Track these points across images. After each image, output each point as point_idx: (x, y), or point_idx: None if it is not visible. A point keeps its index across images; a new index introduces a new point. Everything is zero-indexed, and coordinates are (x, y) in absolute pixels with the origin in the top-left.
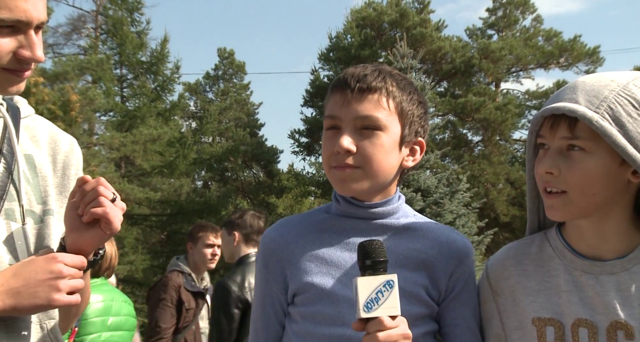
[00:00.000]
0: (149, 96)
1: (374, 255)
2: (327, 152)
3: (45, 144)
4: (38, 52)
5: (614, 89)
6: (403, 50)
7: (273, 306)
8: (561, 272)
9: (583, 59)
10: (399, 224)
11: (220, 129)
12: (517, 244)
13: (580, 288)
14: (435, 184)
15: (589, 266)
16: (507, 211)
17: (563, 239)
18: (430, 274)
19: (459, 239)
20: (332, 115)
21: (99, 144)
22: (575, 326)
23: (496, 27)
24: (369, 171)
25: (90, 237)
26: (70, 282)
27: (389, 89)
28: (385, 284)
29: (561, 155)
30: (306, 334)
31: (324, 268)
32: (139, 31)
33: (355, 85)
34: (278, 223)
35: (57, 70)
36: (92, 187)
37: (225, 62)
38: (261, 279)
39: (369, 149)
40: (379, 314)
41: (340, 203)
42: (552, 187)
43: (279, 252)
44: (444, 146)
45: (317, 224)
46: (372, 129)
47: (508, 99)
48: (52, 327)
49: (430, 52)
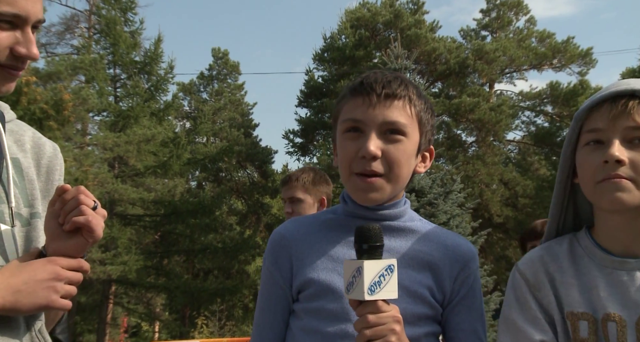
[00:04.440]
0: (143, 96)
1: (372, 239)
2: (350, 155)
3: (30, 149)
4: (34, 49)
5: None
6: (397, 50)
7: (280, 303)
8: (592, 270)
9: (576, 60)
10: (405, 227)
11: (215, 129)
12: (547, 245)
13: (611, 284)
14: (429, 184)
15: (620, 263)
16: (500, 211)
17: (592, 239)
18: (435, 276)
19: (464, 244)
20: (355, 119)
21: (92, 144)
22: (605, 321)
23: (490, 28)
24: (392, 176)
25: (72, 246)
26: (66, 286)
27: (411, 97)
28: (387, 268)
29: (624, 146)
30: (310, 330)
31: (330, 264)
32: (133, 31)
33: (382, 91)
34: (288, 221)
35: (49, 70)
36: (72, 196)
37: (220, 62)
38: (269, 276)
39: (394, 154)
40: (380, 296)
41: (348, 204)
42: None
43: (288, 248)
44: (438, 147)
45: (325, 224)
46: (397, 134)
47: (502, 100)
48: (39, 328)
49: (424, 53)
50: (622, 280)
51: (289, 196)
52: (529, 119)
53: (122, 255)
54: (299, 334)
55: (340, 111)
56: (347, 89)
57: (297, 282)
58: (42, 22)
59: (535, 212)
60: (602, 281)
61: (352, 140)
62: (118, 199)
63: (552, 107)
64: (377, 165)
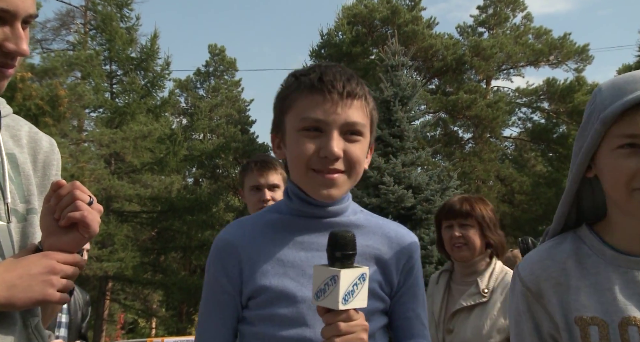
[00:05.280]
0: (139, 92)
1: (345, 248)
2: (308, 154)
3: (26, 144)
4: (23, 45)
5: None
6: (394, 47)
7: (228, 309)
8: (602, 270)
9: (573, 56)
10: (349, 221)
11: (211, 126)
12: (548, 245)
13: (628, 285)
14: (426, 181)
15: (636, 263)
16: (497, 207)
17: (599, 237)
18: (383, 269)
19: (407, 234)
20: (316, 118)
21: (89, 141)
22: (624, 325)
23: (487, 25)
24: (352, 175)
25: (68, 241)
26: (62, 280)
27: (367, 96)
28: (360, 277)
29: None
30: (264, 336)
31: (280, 269)
32: (129, 27)
33: (344, 90)
34: (231, 225)
35: (45, 66)
36: (67, 191)
37: (216, 59)
38: (214, 283)
39: (354, 154)
40: (352, 306)
41: (294, 201)
42: None
43: (236, 254)
44: (435, 143)
45: (270, 225)
46: (356, 135)
47: (498, 97)
48: (35, 325)
49: (421, 49)
50: (638, 280)
51: (270, 183)
52: (525, 116)
53: (119, 251)
54: (252, 341)
55: (292, 106)
56: (300, 83)
57: (247, 289)
58: (34, 17)
59: (532, 208)
60: (617, 282)
61: (310, 138)
62: (115, 196)
63: (549, 104)
64: (339, 164)
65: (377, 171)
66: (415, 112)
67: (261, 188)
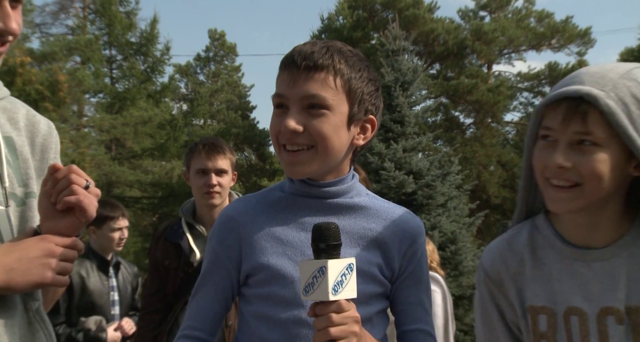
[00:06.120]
0: (139, 78)
1: (329, 239)
2: (274, 130)
3: (23, 127)
4: (12, 24)
5: (618, 72)
6: (395, 32)
7: (222, 282)
8: (552, 261)
9: (575, 40)
10: (353, 203)
11: (212, 112)
12: (507, 236)
13: (572, 276)
14: (427, 166)
15: (580, 254)
16: (498, 193)
17: (552, 227)
18: (384, 253)
19: (412, 219)
20: (279, 94)
21: (89, 126)
22: (567, 315)
23: (488, 9)
24: (320, 149)
25: (65, 225)
26: (61, 263)
27: (337, 66)
28: (347, 267)
29: (573, 149)
30: (262, 316)
31: (279, 248)
32: (128, 11)
33: (302, 63)
34: (235, 201)
35: (44, 50)
36: (63, 175)
37: (216, 44)
38: (214, 256)
39: (317, 128)
40: (342, 296)
41: (294, 182)
42: (561, 181)
43: (237, 230)
44: (436, 129)
45: (273, 204)
46: (318, 108)
47: (500, 81)
48: (37, 308)
49: (422, 33)
50: (582, 272)
51: (218, 167)
52: (527, 100)
53: None
54: (250, 319)
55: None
56: (280, 63)
57: (246, 266)
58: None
59: None
60: (564, 273)
61: (278, 116)
62: (115, 181)
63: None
64: (302, 139)
65: (377, 156)
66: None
67: (207, 172)
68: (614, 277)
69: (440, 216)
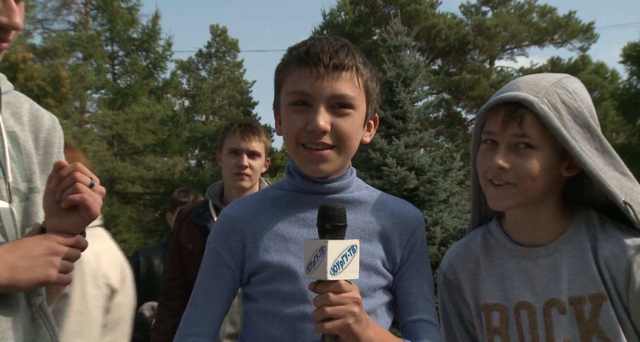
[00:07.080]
0: (141, 74)
1: (334, 219)
2: (297, 128)
3: (27, 121)
4: (16, 18)
5: (549, 81)
6: (397, 27)
7: (226, 282)
8: (504, 261)
9: (577, 35)
10: (353, 198)
11: (214, 108)
12: (463, 241)
13: (521, 273)
14: (429, 162)
15: (528, 252)
16: None
17: (502, 230)
18: (386, 246)
19: (411, 210)
20: (302, 92)
21: (91, 122)
22: (517, 309)
23: (491, 4)
24: (342, 149)
25: (69, 223)
26: (64, 261)
27: (359, 66)
28: (350, 248)
29: (511, 151)
30: (267, 312)
31: (283, 245)
32: (130, 7)
33: (330, 62)
34: (234, 202)
35: (46, 46)
36: (68, 173)
37: (218, 40)
38: (215, 257)
39: (343, 128)
40: (342, 277)
41: (296, 178)
42: (500, 180)
43: (240, 230)
44: (438, 124)
45: (274, 202)
46: (346, 108)
47: (502, 77)
48: (40, 304)
49: (424, 29)
50: (529, 268)
51: (251, 149)
52: None
53: (123, 233)
54: (256, 317)
55: (285, 80)
56: (291, 57)
57: (249, 265)
58: None
59: None
60: (514, 271)
61: (299, 113)
62: (118, 177)
63: None
64: (327, 138)
65: (379, 152)
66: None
67: (240, 153)
68: (556, 271)
69: (442, 211)
